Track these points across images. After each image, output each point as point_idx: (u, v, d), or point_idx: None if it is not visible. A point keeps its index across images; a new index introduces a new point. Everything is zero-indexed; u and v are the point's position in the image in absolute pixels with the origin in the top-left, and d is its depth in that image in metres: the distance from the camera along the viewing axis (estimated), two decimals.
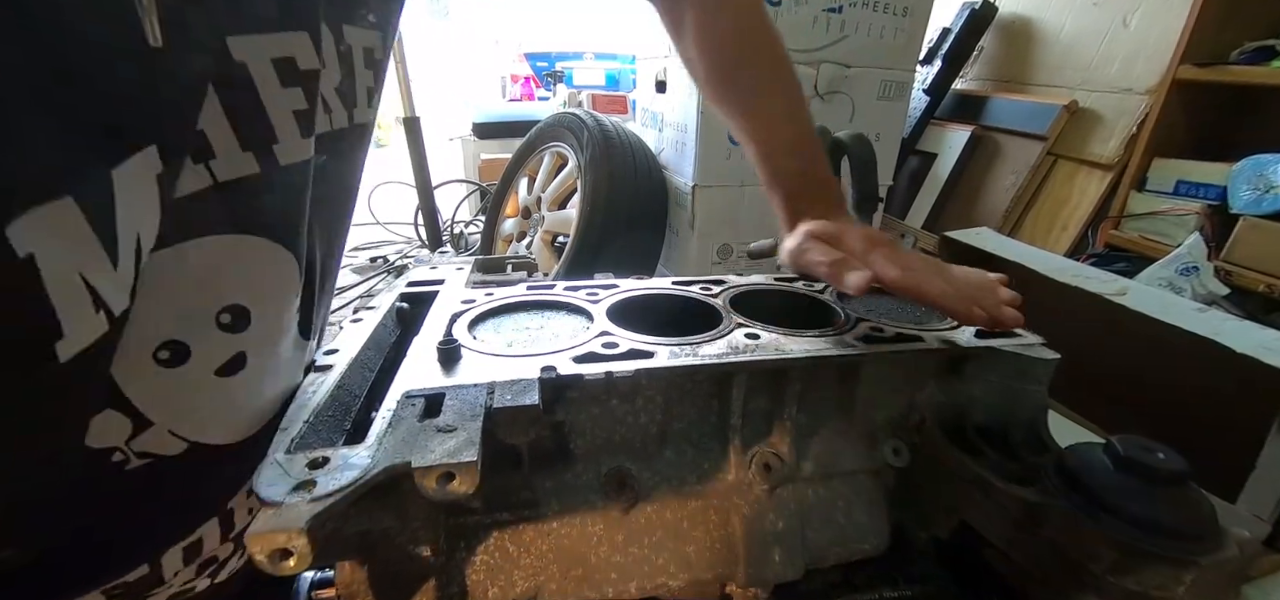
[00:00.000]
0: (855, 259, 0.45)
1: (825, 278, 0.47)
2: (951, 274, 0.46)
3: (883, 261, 0.44)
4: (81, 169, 0.22)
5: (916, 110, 2.09)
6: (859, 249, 0.47)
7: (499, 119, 3.01)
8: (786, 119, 0.58)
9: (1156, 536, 0.34)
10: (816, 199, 0.56)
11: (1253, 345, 0.65)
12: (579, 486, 0.43)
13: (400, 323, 0.55)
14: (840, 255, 0.46)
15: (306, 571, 0.38)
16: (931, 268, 0.45)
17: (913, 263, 0.45)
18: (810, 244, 0.49)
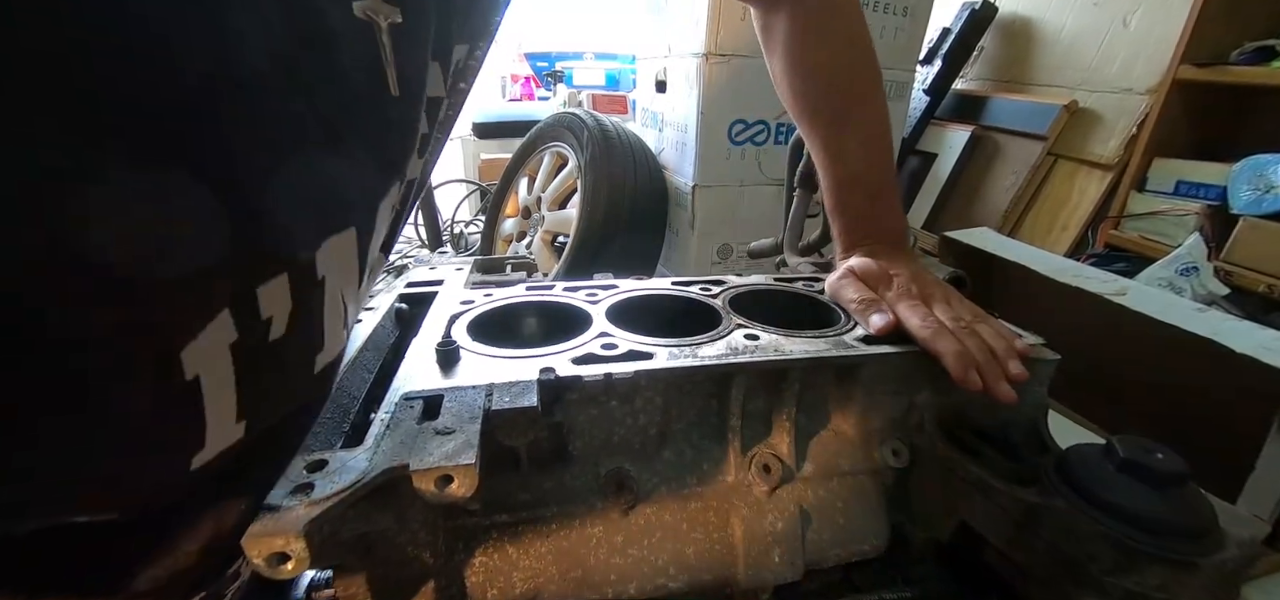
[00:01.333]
0: (885, 302, 0.49)
1: (854, 314, 0.50)
2: (978, 330, 0.46)
3: (907, 310, 0.47)
4: (360, 203, 0.27)
5: (916, 110, 2.09)
6: (892, 295, 0.49)
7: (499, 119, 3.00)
8: (861, 154, 0.57)
9: (1156, 537, 0.34)
10: (874, 237, 0.56)
11: (1253, 345, 0.65)
12: (578, 488, 0.43)
13: (399, 324, 0.55)
14: (872, 296, 0.50)
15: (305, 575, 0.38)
16: (958, 322, 0.46)
17: (936, 317, 0.46)
18: (848, 281, 0.52)
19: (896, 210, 0.59)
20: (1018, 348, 0.45)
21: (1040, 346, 0.48)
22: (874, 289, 0.51)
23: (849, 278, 0.53)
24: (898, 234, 0.58)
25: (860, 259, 0.54)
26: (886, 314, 0.47)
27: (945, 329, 0.45)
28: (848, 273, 0.53)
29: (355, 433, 0.39)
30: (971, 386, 0.42)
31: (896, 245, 0.56)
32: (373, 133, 0.26)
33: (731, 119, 1.47)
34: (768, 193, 1.58)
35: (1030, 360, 0.46)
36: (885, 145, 0.59)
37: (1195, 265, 1.39)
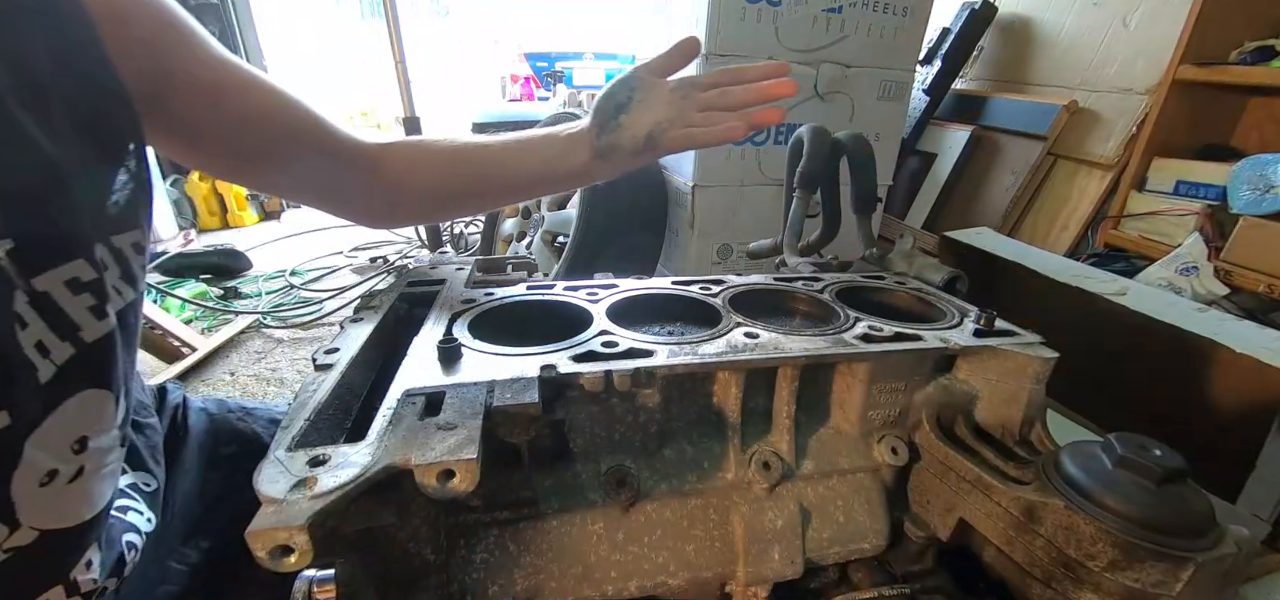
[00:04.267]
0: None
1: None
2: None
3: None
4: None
5: (916, 110, 2.09)
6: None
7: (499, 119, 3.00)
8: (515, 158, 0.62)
9: (1154, 533, 0.34)
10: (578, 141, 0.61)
11: (1253, 345, 0.65)
12: (579, 485, 0.43)
13: (400, 322, 0.55)
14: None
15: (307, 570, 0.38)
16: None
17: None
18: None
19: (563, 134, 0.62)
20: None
21: (1039, 345, 0.48)
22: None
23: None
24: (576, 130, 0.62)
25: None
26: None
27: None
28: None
29: (357, 428, 0.39)
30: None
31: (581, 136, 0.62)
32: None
33: None
34: (768, 193, 1.58)
35: (1029, 358, 0.46)
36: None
37: (1195, 265, 1.39)
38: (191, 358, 1.63)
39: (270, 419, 0.65)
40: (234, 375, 1.65)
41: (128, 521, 0.45)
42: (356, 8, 6.95)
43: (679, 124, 0.57)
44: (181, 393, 0.61)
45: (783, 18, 1.40)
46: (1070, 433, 0.78)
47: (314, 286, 2.25)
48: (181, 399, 0.60)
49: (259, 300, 2.11)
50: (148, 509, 0.47)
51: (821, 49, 1.47)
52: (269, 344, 1.83)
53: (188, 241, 2.73)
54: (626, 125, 0.57)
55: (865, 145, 0.78)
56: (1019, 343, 0.48)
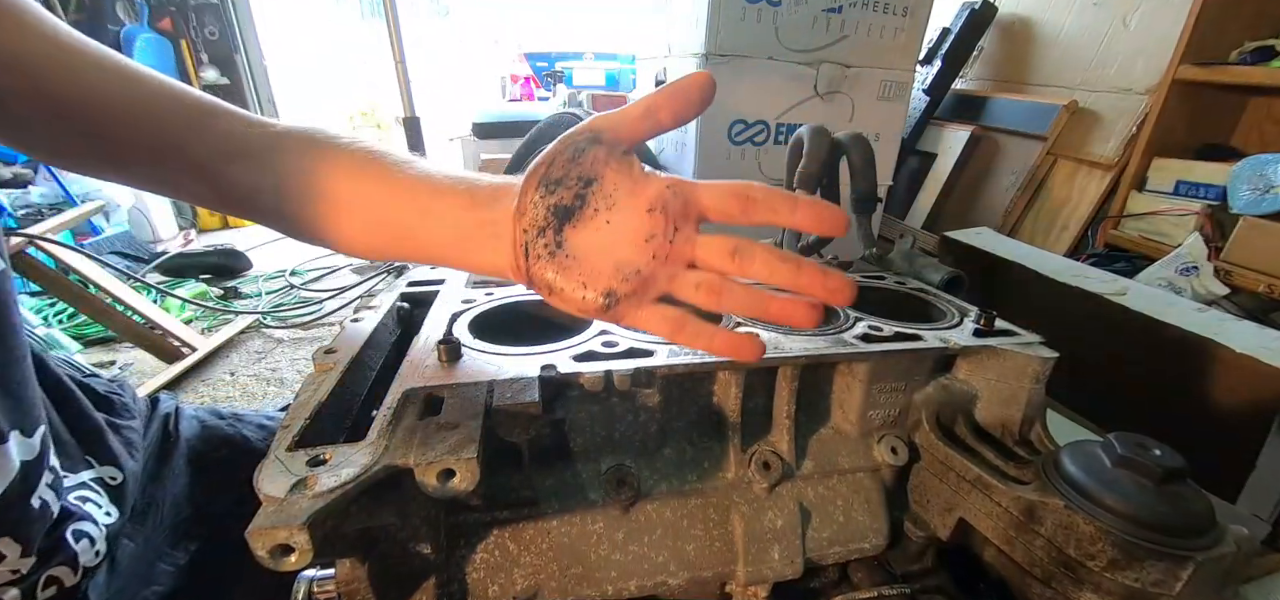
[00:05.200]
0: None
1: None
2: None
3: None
4: None
5: (916, 110, 2.09)
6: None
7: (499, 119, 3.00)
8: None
9: (1154, 533, 0.34)
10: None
11: (1253, 345, 0.65)
12: (579, 484, 0.43)
13: (400, 322, 0.55)
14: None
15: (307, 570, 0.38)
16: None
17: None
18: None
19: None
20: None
21: (1039, 345, 0.48)
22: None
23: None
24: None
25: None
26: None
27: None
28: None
29: (357, 428, 0.39)
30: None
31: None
32: None
33: (731, 119, 1.47)
34: None
35: (1029, 358, 0.46)
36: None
37: (1195, 265, 1.39)
38: (191, 358, 1.63)
39: (260, 423, 0.64)
40: (234, 375, 1.65)
41: (84, 511, 0.44)
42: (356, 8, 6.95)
43: (659, 286, 0.34)
44: (174, 402, 0.61)
45: (783, 18, 1.40)
46: (1070, 433, 0.78)
47: (314, 286, 2.25)
48: (174, 408, 0.60)
49: (259, 300, 2.11)
50: (108, 502, 0.46)
51: (821, 49, 1.47)
52: (269, 344, 1.83)
53: (188, 241, 2.73)
54: (573, 255, 0.34)
55: (865, 145, 0.78)
56: (1019, 343, 0.48)
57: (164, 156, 0.37)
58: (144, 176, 0.40)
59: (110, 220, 2.46)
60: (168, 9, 2.97)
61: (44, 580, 0.40)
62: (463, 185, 0.37)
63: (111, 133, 0.36)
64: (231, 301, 2.11)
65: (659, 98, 0.33)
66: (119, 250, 2.30)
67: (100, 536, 0.44)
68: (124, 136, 0.37)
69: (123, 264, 2.05)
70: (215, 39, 3.15)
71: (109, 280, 1.62)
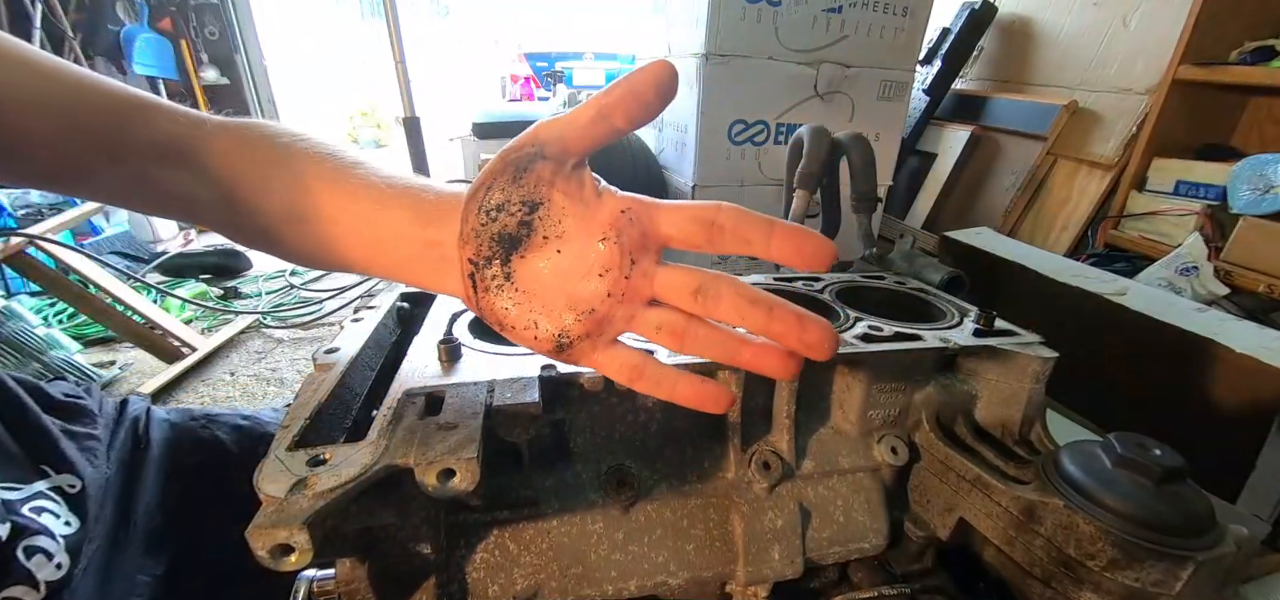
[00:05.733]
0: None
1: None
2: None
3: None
4: None
5: (916, 110, 2.09)
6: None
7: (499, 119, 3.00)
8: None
9: (1154, 533, 0.34)
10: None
11: (1253, 345, 0.65)
12: (579, 484, 0.43)
13: (400, 322, 0.55)
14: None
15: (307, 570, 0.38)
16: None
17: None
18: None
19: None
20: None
21: (1039, 345, 0.48)
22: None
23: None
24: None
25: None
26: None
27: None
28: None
29: (357, 428, 0.39)
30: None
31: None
32: None
33: (731, 119, 1.47)
34: (768, 193, 1.59)
35: (1029, 358, 0.46)
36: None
37: (1195, 265, 1.39)
38: (191, 358, 1.63)
39: (235, 425, 0.61)
40: (234, 375, 1.65)
41: (39, 524, 0.42)
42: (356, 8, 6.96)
43: (616, 326, 0.31)
44: (144, 404, 0.59)
45: (783, 18, 1.40)
46: (1070, 433, 0.78)
47: (314, 286, 2.25)
48: (144, 410, 0.58)
49: (259, 300, 2.11)
50: (67, 512, 0.44)
51: (821, 49, 1.47)
52: (269, 344, 1.83)
53: (188, 241, 2.73)
54: (526, 290, 0.30)
55: (865, 145, 0.78)
56: (1019, 343, 0.48)
57: (86, 159, 0.32)
58: (69, 184, 0.34)
59: (110, 220, 2.46)
60: (168, 9, 2.98)
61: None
62: (408, 196, 0.33)
63: (17, 134, 0.31)
64: (231, 301, 2.11)
65: (611, 97, 0.27)
66: (119, 250, 2.30)
67: (59, 548, 0.42)
68: (35, 138, 0.31)
69: (123, 264, 2.06)
70: (215, 39, 3.15)
71: (109, 280, 1.62)
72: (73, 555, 0.43)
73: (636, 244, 0.29)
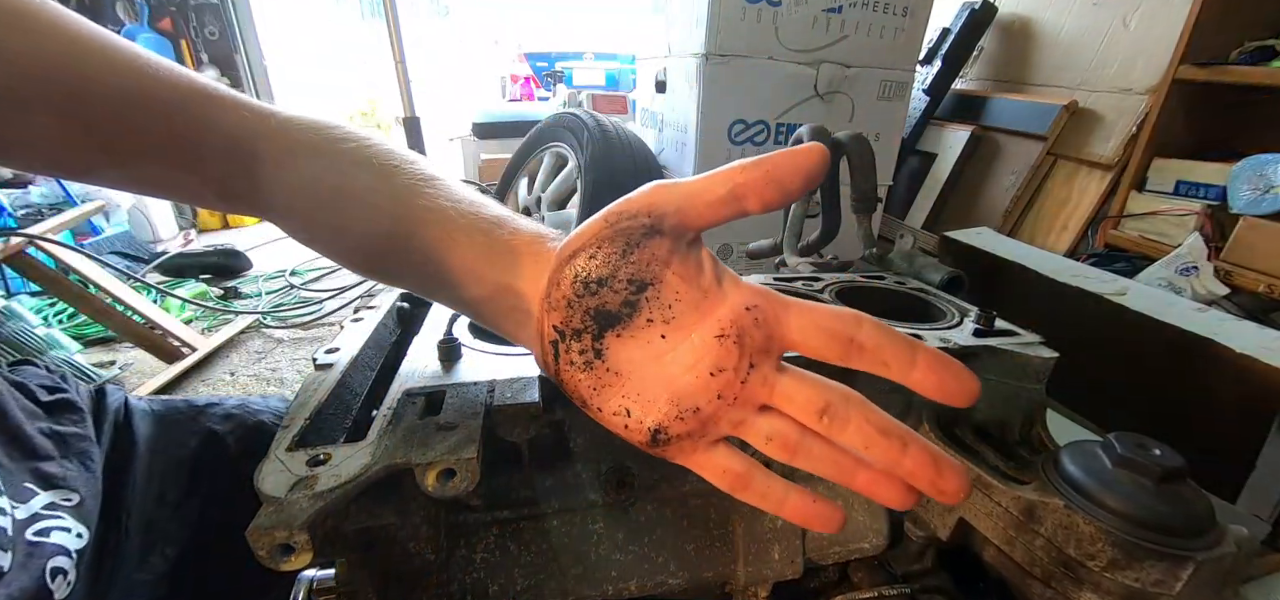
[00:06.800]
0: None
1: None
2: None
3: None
4: None
5: (916, 110, 2.09)
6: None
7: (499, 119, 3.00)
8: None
9: (1154, 533, 0.34)
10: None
11: (1253, 345, 0.65)
12: (579, 484, 0.43)
13: (400, 322, 0.55)
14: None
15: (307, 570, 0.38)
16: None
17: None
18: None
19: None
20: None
21: (1039, 345, 0.48)
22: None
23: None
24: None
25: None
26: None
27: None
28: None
29: (357, 428, 0.39)
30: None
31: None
32: None
33: (731, 119, 1.47)
34: None
35: (1028, 358, 0.46)
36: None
37: (1195, 265, 1.39)
38: (191, 358, 1.63)
39: (226, 414, 0.58)
40: (234, 375, 1.65)
41: (53, 543, 0.39)
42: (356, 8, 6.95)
43: (719, 429, 0.28)
44: (122, 394, 0.55)
45: (783, 18, 1.40)
46: (1070, 433, 0.78)
47: (314, 286, 2.25)
48: (123, 401, 0.54)
49: (259, 300, 2.11)
50: (76, 524, 0.42)
51: (821, 49, 1.47)
52: (269, 344, 1.83)
53: (188, 241, 2.74)
54: (615, 371, 0.27)
55: (865, 145, 0.78)
56: (1019, 343, 0.48)
57: (170, 156, 0.30)
58: (143, 181, 0.33)
59: (110, 220, 2.46)
60: (168, 9, 2.98)
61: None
62: (480, 229, 0.29)
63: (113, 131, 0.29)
64: (231, 301, 2.11)
65: (748, 176, 0.25)
66: (119, 250, 2.30)
67: (71, 565, 0.40)
68: (128, 134, 0.29)
69: (123, 264, 2.06)
70: (215, 39, 3.15)
71: (109, 280, 1.62)
72: (79, 570, 0.41)
73: (759, 347, 0.26)
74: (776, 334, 0.27)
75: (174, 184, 0.33)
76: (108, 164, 0.31)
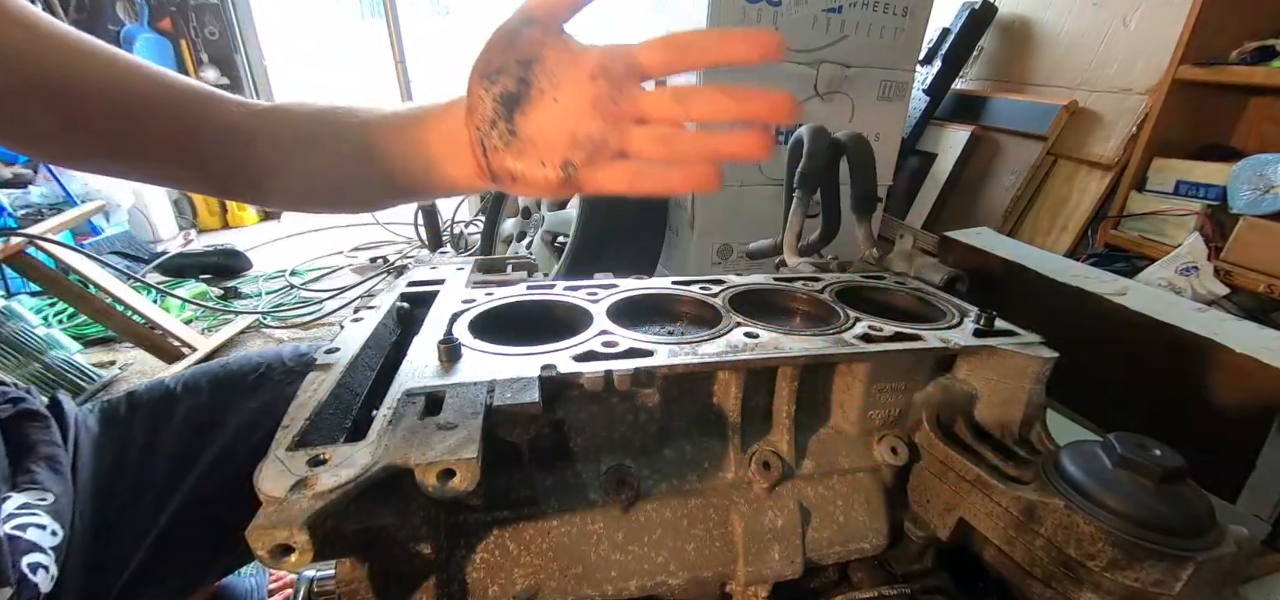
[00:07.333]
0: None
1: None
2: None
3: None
4: None
5: (916, 110, 2.09)
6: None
7: None
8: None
9: (1154, 533, 0.34)
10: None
11: (1253, 345, 0.65)
12: (579, 484, 0.43)
13: (400, 322, 0.55)
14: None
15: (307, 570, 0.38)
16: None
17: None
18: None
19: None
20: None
21: (1039, 345, 0.48)
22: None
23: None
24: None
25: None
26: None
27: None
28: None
29: (357, 428, 0.39)
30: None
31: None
32: None
33: None
34: (768, 193, 1.59)
35: (1029, 358, 0.46)
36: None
37: (1195, 265, 1.39)
38: (191, 358, 1.63)
39: (167, 387, 0.60)
40: None
41: (28, 540, 0.42)
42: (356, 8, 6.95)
43: (612, 147, 0.36)
44: (73, 407, 0.57)
45: (783, 18, 1.40)
46: (1070, 433, 0.78)
47: (314, 286, 2.25)
48: (74, 415, 0.56)
49: (259, 300, 2.11)
50: (51, 521, 0.44)
51: (821, 49, 1.47)
52: (269, 344, 1.83)
53: (188, 241, 2.74)
54: (528, 138, 0.36)
55: (865, 145, 0.78)
56: (1019, 343, 0.48)
57: (171, 147, 0.40)
58: (148, 171, 0.43)
59: (110, 220, 2.46)
60: (168, 9, 2.98)
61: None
62: (426, 118, 0.41)
63: (121, 126, 0.38)
64: (231, 301, 2.11)
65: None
66: (119, 250, 2.30)
67: (51, 560, 0.43)
68: (133, 129, 0.38)
69: (123, 264, 2.06)
70: (215, 39, 3.15)
71: (109, 280, 1.62)
72: (61, 565, 0.44)
73: (623, 74, 0.35)
74: (632, 61, 0.36)
75: (177, 178, 0.44)
76: (113, 159, 0.40)
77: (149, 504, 0.53)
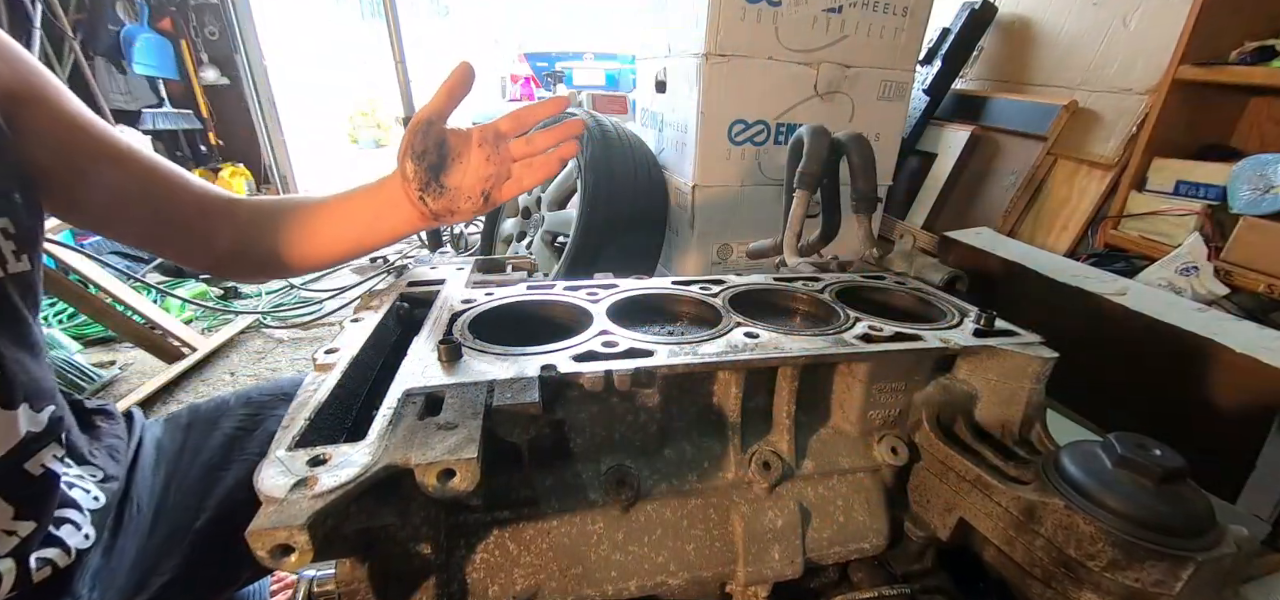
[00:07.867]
0: None
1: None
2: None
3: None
4: None
5: (916, 110, 2.09)
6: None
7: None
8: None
9: (1154, 533, 0.34)
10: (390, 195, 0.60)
11: (1253, 345, 0.65)
12: (579, 485, 0.43)
13: (400, 322, 0.55)
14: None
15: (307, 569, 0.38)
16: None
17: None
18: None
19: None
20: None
21: (1039, 345, 0.48)
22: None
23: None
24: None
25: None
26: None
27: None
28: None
29: (357, 428, 0.39)
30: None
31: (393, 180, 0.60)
32: None
33: (731, 119, 1.47)
34: (768, 193, 1.58)
35: (1029, 358, 0.46)
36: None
37: (1195, 265, 1.39)
38: (192, 358, 1.63)
39: (219, 402, 0.68)
40: (234, 375, 1.65)
41: (70, 497, 0.49)
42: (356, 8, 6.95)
43: (503, 175, 0.59)
44: (142, 416, 0.66)
45: (783, 18, 1.40)
46: (1070, 433, 0.78)
47: (314, 286, 2.25)
48: (143, 424, 0.65)
49: (259, 300, 2.11)
50: (96, 488, 0.52)
51: (821, 49, 1.47)
52: (269, 344, 1.83)
53: None
54: (457, 189, 0.57)
55: (865, 145, 0.78)
56: (1019, 343, 0.48)
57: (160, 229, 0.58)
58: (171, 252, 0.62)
59: None
60: (168, 9, 2.97)
61: (36, 561, 0.44)
62: (369, 190, 0.61)
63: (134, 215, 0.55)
64: (231, 301, 2.11)
65: (442, 88, 0.57)
66: (119, 250, 2.29)
67: (86, 520, 0.50)
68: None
69: (123, 264, 2.05)
70: (215, 39, 3.15)
71: (109, 280, 1.62)
72: (98, 529, 0.51)
73: (494, 139, 0.59)
74: (497, 128, 0.60)
75: (192, 260, 0.61)
76: (148, 243, 0.60)
77: (190, 507, 0.58)
